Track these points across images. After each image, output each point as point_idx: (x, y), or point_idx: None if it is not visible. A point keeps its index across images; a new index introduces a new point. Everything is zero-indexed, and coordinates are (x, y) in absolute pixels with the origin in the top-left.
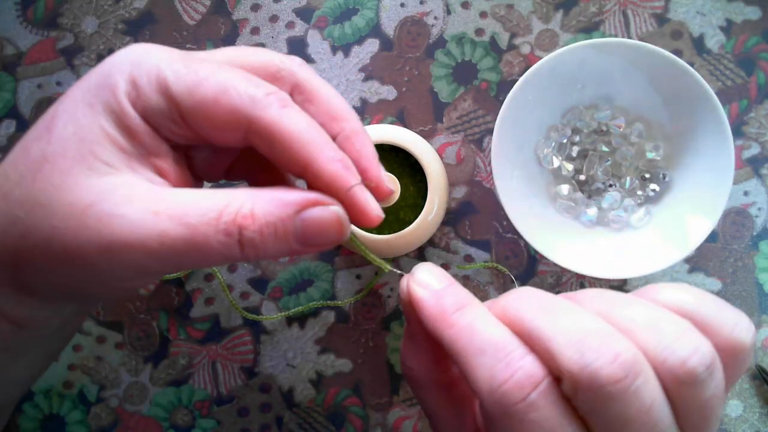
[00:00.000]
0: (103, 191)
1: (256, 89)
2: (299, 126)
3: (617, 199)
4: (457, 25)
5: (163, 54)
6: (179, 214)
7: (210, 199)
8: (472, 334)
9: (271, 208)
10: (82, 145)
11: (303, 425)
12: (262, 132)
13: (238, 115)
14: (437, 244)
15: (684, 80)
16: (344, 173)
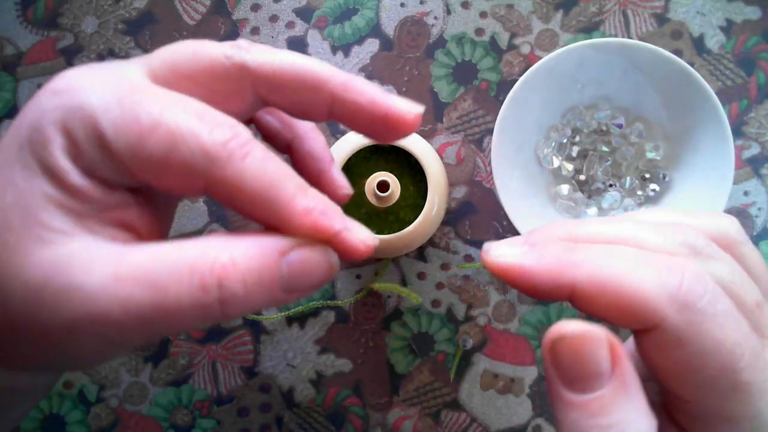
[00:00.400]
0: (58, 263)
1: (211, 137)
2: (264, 181)
3: (617, 199)
4: (457, 25)
5: (96, 95)
6: (145, 274)
7: (180, 251)
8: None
9: (253, 254)
10: (26, 215)
11: (303, 425)
12: (221, 191)
13: (193, 174)
14: (437, 244)
15: (684, 80)
16: (323, 223)
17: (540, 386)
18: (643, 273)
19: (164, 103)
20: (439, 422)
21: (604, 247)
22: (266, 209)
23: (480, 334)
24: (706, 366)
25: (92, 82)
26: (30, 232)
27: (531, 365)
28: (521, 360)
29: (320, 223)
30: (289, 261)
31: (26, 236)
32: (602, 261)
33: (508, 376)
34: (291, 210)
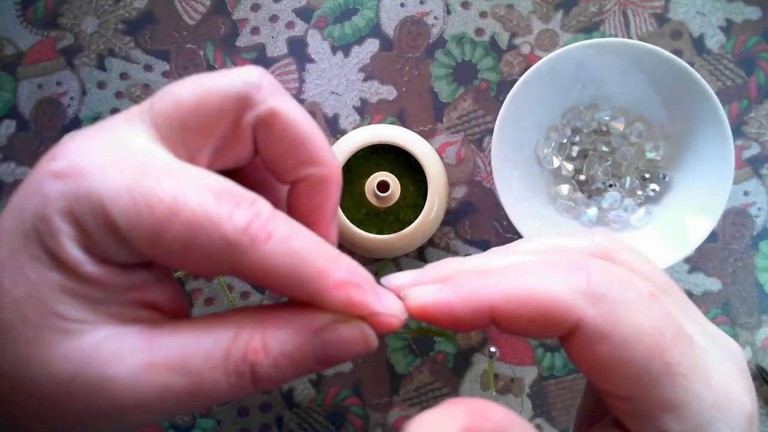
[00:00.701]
0: (86, 355)
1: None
2: (291, 261)
3: (617, 199)
4: (457, 25)
5: (103, 181)
6: (179, 362)
7: (212, 336)
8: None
9: (286, 336)
10: (42, 308)
11: (303, 425)
12: (247, 275)
13: (216, 261)
14: (437, 244)
15: (684, 80)
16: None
17: (540, 386)
18: (552, 279)
19: (177, 185)
20: None
21: (513, 266)
22: (296, 288)
23: (480, 334)
24: (634, 354)
25: (97, 163)
26: (49, 325)
27: (531, 365)
28: (521, 360)
29: (354, 300)
30: (323, 340)
31: (46, 329)
32: (513, 277)
33: (508, 376)
34: (322, 287)
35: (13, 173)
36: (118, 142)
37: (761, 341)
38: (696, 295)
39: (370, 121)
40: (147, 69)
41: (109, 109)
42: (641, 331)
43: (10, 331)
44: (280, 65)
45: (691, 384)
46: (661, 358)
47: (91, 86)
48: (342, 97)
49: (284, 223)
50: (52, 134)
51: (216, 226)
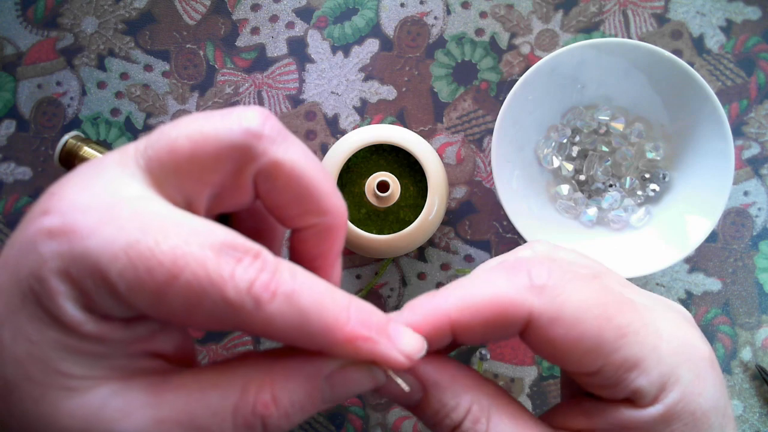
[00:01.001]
0: (92, 412)
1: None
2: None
3: (617, 199)
4: (457, 25)
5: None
6: (187, 418)
7: (220, 390)
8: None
9: (296, 386)
10: (45, 366)
11: (303, 425)
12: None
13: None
14: (437, 244)
15: (684, 80)
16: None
17: (540, 386)
18: (497, 282)
19: (176, 245)
20: None
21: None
22: (305, 344)
23: None
24: (585, 328)
25: (91, 220)
26: (53, 383)
27: (531, 365)
28: (521, 360)
29: (363, 353)
30: (332, 384)
31: (50, 387)
32: (462, 289)
33: (508, 376)
34: (330, 343)
35: (13, 173)
36: (111, 191)
37: (761, 341)
38: (696, 295)
39: (370, 121)
40: (147, 69)
41: (109, 109)
42: (586, 305)
43: (15, 390)
44: (280, 65)
45: (644, 339)
46: (611, 324)
47: (91, 86)
48: (342, 97)
49: (289, 277)
50: (52, 134)
51: (218, 288)
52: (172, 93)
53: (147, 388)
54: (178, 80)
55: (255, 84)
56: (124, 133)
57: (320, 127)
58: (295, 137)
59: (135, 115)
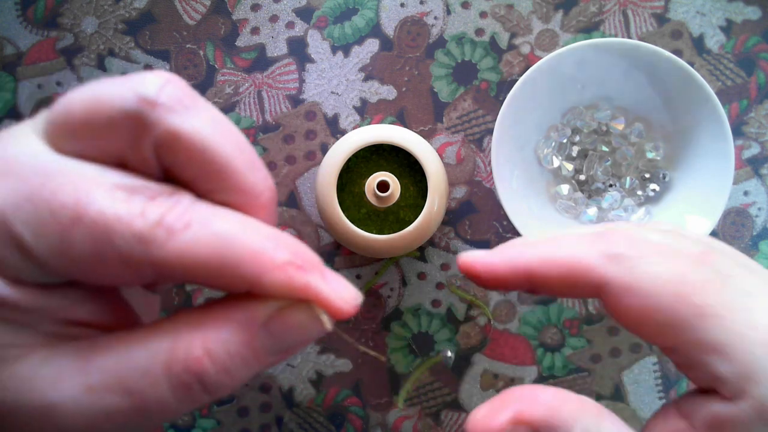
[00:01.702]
0: (23, 382)
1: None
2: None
3: (617, 199)
4: (457, 25)
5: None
6: (117, 381)
7: (147, 348)
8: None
9: (230, 336)
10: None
11: (303, 425)
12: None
13: (133, 263)
14: (437, 244)
15: (684, 80)
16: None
17: None
18: (579, 246)
19: (79, 186)
20: (439, 422)
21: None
22: (230, 277)
23: (480, 334)
24: (659, 301)
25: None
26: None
27: (531, 365)
28: (521, 360)
29: (296, 283)
30: (272, 331)
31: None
32: (549, 246)
33: (508, 376)
34: (258, 271)
35: None
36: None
37: None
38: None
39: (370, 121)
40: (147, 69)
41: None
42: (663, 279)
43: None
44: (280, 65)
45: (730, 324)
46: (688, 301)
47: None
48: (342, 97)
49: (206, 209)
50: None
51: (126, 223)
52: None
53: (76, 354)
54: None
55: (255, 84)
56: None
57: (320, 127)
58: (206, 104)
59: None
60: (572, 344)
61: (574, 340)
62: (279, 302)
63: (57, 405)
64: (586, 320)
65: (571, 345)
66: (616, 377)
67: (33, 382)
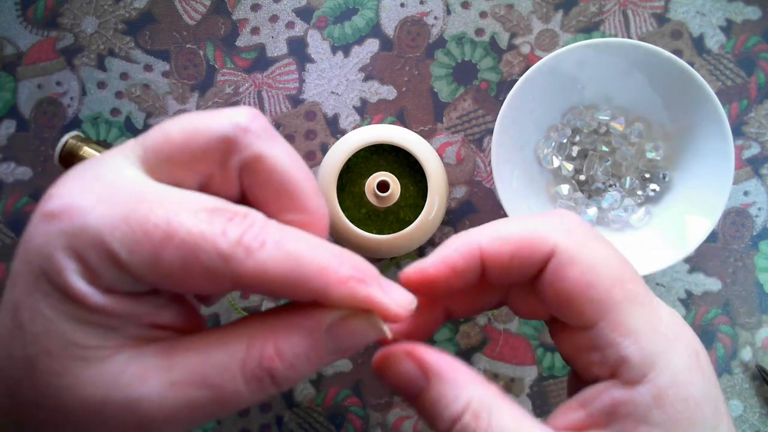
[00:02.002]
0: (110, 379)
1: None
2: (287, 264)
3: (617, 199)
4: (457, 25)
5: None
6: (199, 377)
7: (226, 350)
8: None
9: (297, 339)
10: (62, 340)
11: (303, 425)
12: (249, 285)
13: (215, 277)
14: (437, 244)
15: (684, 80)
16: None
17: (540, 386)
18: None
19: (169, 209)
20: None
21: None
22: (299, 290)
23: (480, 334)
24: (600, 278)
25: (89, 198)
26: (71, 355)
27: (531, 365)
28: (521, 360)
29: (358, 295)
30: (334, 335)
31: (69, 359)
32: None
33: (508, 376)
34: (324, 285)
35: (13, 173)
36: (108, 175)
37: (761, 341)
38: (696, 295)
39: (370, 121)
40: (147, 69)
41: (109, 109)
42: (607, 260)
43: (37, 365)
44: (280, 65)
45: (648, 313)
46: (624, 285)
47: (91, 86)
48: (342, 97)
49: (276, 229)
50: (52, 134)
51: (210, 243)
52: (172, 93)
53: (159, 353)
54: (178, 80)
55: (255, 84)
56: (124, 133)
57: (320, 127)
58: (282, 138)
59: (135, 115)
60: None
61: None
62: (341, 312)
63: (143, 399)
64: None
65: None
66: None
67: (121, 378)
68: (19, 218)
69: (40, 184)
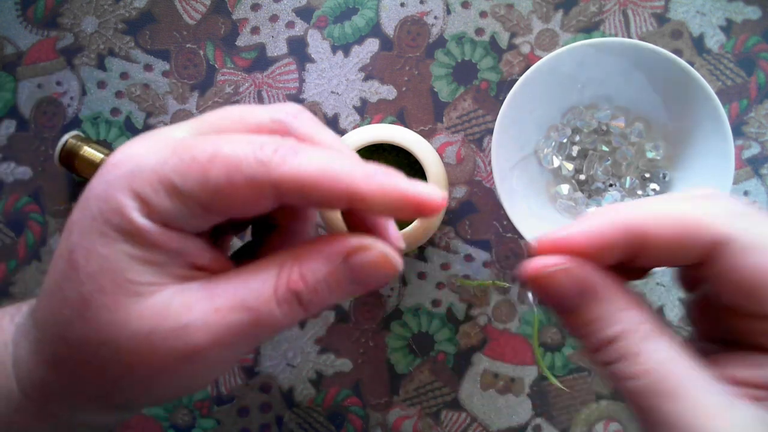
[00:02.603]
0: (159, 311)
1: (263, 151)
2: (321, 163)
3: (617, 198)
4: (457, 24)
5: (153, 154)
6: (238, 303)
7: (260, 277)
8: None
9: (318, 265)
10: (115, 277)
11: (303, 425)
12: (288, 189)
13: (259, 186)
14: (437, 244)
15: (684, 80)
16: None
17: (540, 386)
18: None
19: (213, 140)
20: (439, 422)
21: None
22: (333, 188)
23: (480, 334)
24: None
25: (145, 147)
26: (124, 291)
27: (531, 365)
28: (521, 360)
29: (387, 185)
30: (350, 264)
31: (121, 295)
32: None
33: (508, 376)
34: (354, 181)
35: (13, 173)
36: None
37: None
38: None
39: (370, 120)
40: (147, 69)
41: (109, 108)
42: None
43: (91, 302)
44: (280, 65)
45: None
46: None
47: (91, 86)
48: (342, 96)
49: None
50: (52, 134)
51: (251, 155)
52: (172, 93)
53: (201, 287)
54: (178, 80)
55: (255, 84)
56: (124, 133)
57: None
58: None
59: (135, 115)
60: (572, 344)
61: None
62: (360, 242)
63: (190, 325)
64: None
65: (572, 344)
66: None
67: (169, 309)
68: (19, 218)
69: (40, 184)
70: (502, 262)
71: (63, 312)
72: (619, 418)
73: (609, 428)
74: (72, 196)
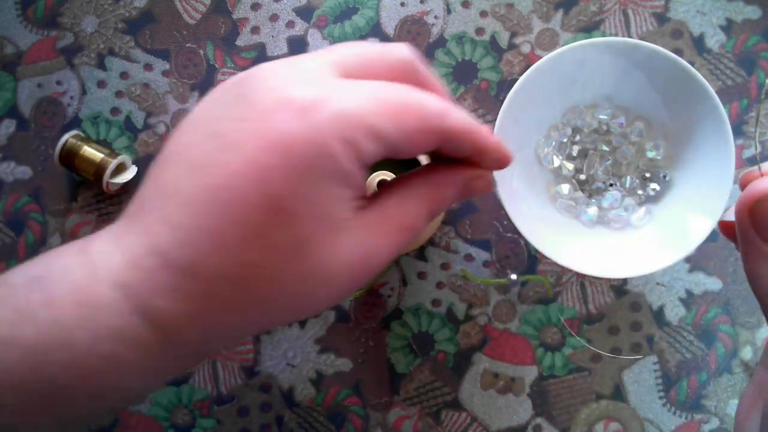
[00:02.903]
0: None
1: (438, 105)
2: (467, 122)
3: (617, 198)
4: (457, 24)
5: (352, 102)
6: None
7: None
8: None
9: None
10: (330, 218)
11: (303, 425)
12: (451, 137)
13: (433, 130)
14: (437, 243)
15: (684, 79)
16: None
17: (540, 386)
18: None
19: (400, 89)
20: (440, 422)
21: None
22: (472, 140)
23: (480, 334)
24: None
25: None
26: (336, 229)
27: (531, 365)
28: (521, 359)
29: (500, 145)
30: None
31: (334, 233)
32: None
33: (508, 376)
34: (486, 135)
35: (13, 172)
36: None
37: (761, 341)
38: (696, 295)
39: None
40: (147, 68)
41: (109, 108)
42: None
43: (308, 243)
44: None
45: None
46: None
47: (91, 85)
48: None
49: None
50: (52, 134)
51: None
52: (173, 92)
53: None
54: (178, 79)
55: None
56: (124, 133)
57: None
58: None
59: (135, 115)
60: (572, 344)
61: (574, 339)
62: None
63: (375, 248)
64: (587, 320)
65: (572, 344)
66: (617, 377)
67: (358, 238)
68: (19, 218)
69: (40, 184)
70: (502, 261)
71: (269, 257)
72: (619, 418)
73: (609, 428)
74: (72, 195)
